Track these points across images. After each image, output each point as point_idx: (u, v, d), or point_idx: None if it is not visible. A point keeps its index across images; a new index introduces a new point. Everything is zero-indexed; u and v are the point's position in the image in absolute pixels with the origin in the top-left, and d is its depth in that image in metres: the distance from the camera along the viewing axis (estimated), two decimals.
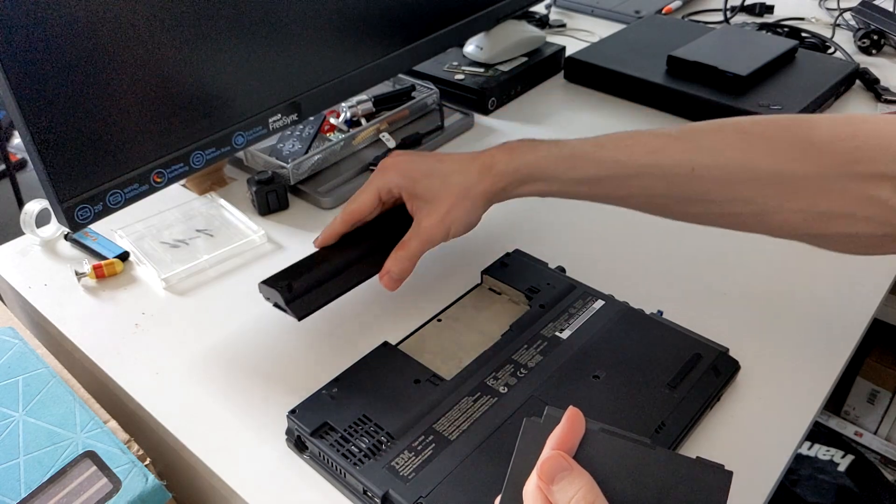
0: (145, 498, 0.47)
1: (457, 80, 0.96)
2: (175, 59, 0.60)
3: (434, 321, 0.62)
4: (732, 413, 0.55)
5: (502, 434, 0.50)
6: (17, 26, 0.50)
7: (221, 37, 0.63)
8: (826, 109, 0.94)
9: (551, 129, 0.93)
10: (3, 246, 0.76)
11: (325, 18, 0.71)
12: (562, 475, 0.35)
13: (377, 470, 0.48)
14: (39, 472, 0.48)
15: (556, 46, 1.05)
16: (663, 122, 0.93)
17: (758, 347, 0.60)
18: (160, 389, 0.59)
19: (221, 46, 0.63)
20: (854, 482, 1.20)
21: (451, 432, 0.50)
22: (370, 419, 0.51)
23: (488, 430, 0.50)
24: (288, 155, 0.81)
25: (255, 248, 0.73)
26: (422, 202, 0.60)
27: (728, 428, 0.54)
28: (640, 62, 0.99)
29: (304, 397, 0.54)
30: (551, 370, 0.55)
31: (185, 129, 0.63)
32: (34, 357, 0.57)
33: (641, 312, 0.60)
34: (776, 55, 0.95)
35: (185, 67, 0.61)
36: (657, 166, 0.53)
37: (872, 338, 1.33)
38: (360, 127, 0.86)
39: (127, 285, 0.70)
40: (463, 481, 0.47)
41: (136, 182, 0.62)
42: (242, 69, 0.66)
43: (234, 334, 0.64)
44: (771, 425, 0.54)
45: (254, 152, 0.83)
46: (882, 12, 1.13)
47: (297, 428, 0.52)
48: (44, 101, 0.53)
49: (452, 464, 0.48)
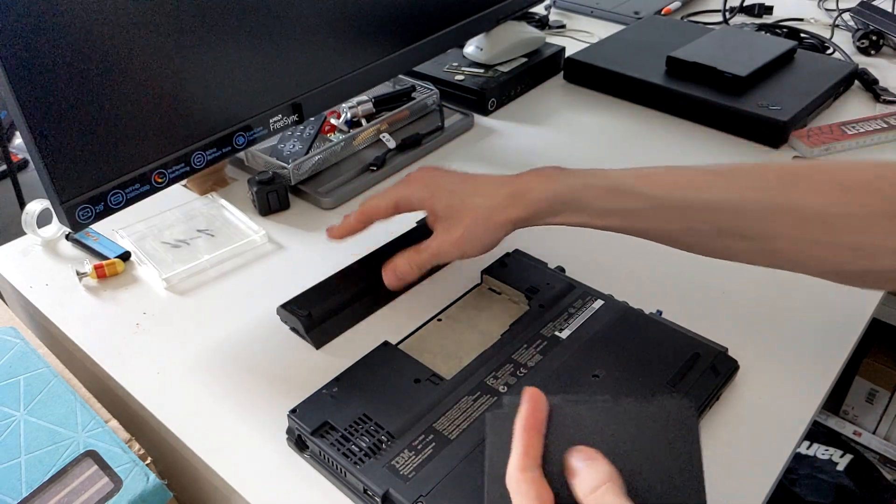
0: (146, 497, 0.47)
1: (457, 81, 0.96)
2: (177, 59, 0.60)
3: (434, 321, 0.62)
4: (731, 412, 0.55)
5: None
6: (18, 27, 0.50)
7: (223, 38, 0.63)
8: (825, 110, 0.95)
9: (550, 130, 0.93)
10: (4, 246, 0.76)
11: (325, 20, 0.71)
12: (587, 463, 0.37)
13: (377, 469, 0.48)
14: (40, 472, 0.48)
15: (556, 47, 1.05)
16: (663, 123, 0.93)
17: (757, 347, 0.60)
18: (161, 389, 0.59)
19: (223, 47, 0.63)
20: (853, 481, 1.21)
21: (451, 431, 0.50)
22: (370, 418, 0.52)
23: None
24: (289, 155, 0.82)
25: (255, 248, 0.74)
26: (441, 219, 0.60)
27: (727, 427, 0.54)
28: (640, 63, 0.99)
29: (305, 397, 0.54)
30: (551, 369, 0.55)
31: (187, 129, 0.64)
32: (35, 357, 0.57)
33: (641, 312, 0.60)
34: (775, 56, 0.96)
35: (186, 68, 0.61)
36: (702, 202, 0.52)
37: (871, 337, 1.34)
38: (361, 127, 0.86)
39: (128, 285, 0.70)
40: (463, 480, 0.47)
41: (138, 182, 0.62)
42: (244, 70, 0.66)
43: (236, 334, 0.64)
44: (770, 424, 0.55)
45: (255, 153, 0.83)
46: (881, 13, 1.13)
47: (297, 427, 0.52)
48: (45, 101, 0.53)
49: (452, 463, 0.48)
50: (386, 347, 0.58)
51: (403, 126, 0.91)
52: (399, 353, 0.58)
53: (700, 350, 0.56)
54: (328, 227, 0.64)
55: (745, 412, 0.55)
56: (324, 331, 0.62)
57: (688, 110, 0.93)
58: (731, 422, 0.55)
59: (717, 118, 0.91)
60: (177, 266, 0.70)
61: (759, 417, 0.55)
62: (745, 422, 0.55)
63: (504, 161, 0.87)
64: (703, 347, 0.57)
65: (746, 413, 0.55)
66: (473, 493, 0.46)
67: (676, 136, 0.91)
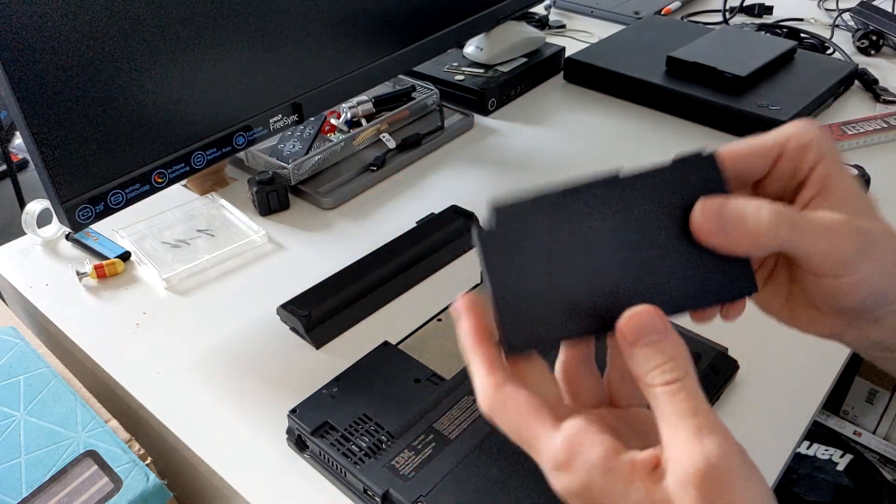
0: (146, 497, 0.47)
1: (456, 81, 0.96)
2: (177, 59, 0.60)
3: (434, 321, 0.62)
4: (731, 413, 0.55)
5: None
6: (18, 27, 0.50)
7: (222, 38, 0.63)
8: (825, 110, 0.95)
9: (550, 130, 0.93)
10: (4, 246, 0.76)
11: (325, 21, 0.71)
12: (650, 338, 0.29)
13: (377, 469, 0.48)
14: (40, 472, 0.48)
15: (556, 47, 1.05)
16: (663, 123, 0.93)
17: (756, 347, 0.60)
18: (161, 389, 0.59)
19: (222, 48, 0.63)
20: (853, 481, 1.21)
21: (451, 431, 0.50)
22: (370, 418, 0.52)
23: (488, 429, 0.50)
24: (289, 155, 0.82)
25: (255, 248, 0.74)
26: (832, 194, 0.34)
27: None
28: (640, 63, 0.99)
29: (305, 396, 0.54)
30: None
31: (187, 129, 0.64)
32: (35, 356, 0.57)
33: None
34: (775, 55, 0.96)
35: (187, 68, 0.61)
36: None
37: None
38: (361, 127, 0.86)
39: (128, 285, 0.70)
40: (463, 480, 0.47)
41: (138, 182, 0.62)
42: (243, 70, 0.66)
43: (235, 334, 0.64)
44: (770, 425, 0.55)
45: (255, 153, 0.83)
46: (881, 13, 1.13)
47: (297, 427, 0.52)
48: (45, 101, 0.53)
49: (452, 462, 0.48)
50: (386, 347, 0.58)
51: (403, 126, 0.91)
52: (399, 353, 0.58)
53: (700, 350, 0.56)
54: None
55: (745, 412, 0.55)
56: (324, 331, 0.62)
57: (688, 110, 0.93)
58: (730, 422, 0.54)
59: (718, 118, 0.91)
60: (177, 266, 0.70)
61: (759, 417, 0.55)
62: (745, 422, 0.55)
63: (504, 161, 0.87)
64: (703, 347, 0.57)
65: (746, 413, 0.55)
66: (474, 494, 0.46)
67: (676, 136, 0.91)
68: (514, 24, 1.00)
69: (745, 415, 0.55)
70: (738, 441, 0.29)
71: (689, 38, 1.01)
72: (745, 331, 0.61)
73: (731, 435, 0.29)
